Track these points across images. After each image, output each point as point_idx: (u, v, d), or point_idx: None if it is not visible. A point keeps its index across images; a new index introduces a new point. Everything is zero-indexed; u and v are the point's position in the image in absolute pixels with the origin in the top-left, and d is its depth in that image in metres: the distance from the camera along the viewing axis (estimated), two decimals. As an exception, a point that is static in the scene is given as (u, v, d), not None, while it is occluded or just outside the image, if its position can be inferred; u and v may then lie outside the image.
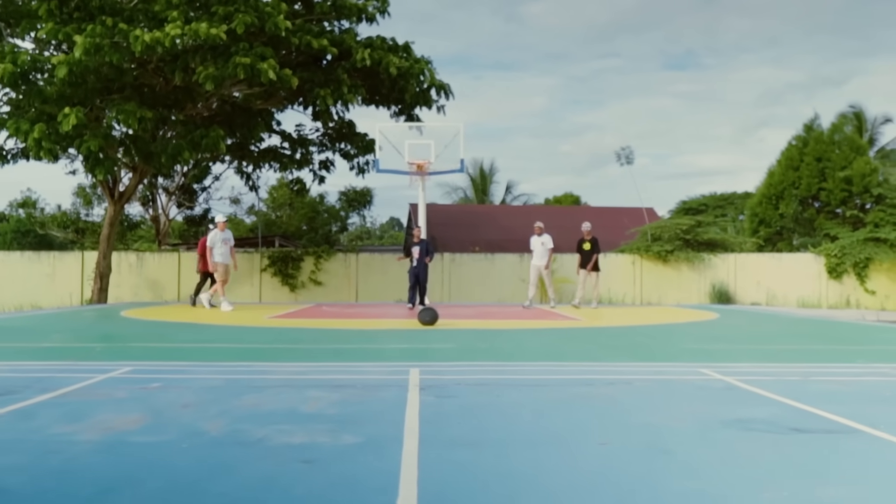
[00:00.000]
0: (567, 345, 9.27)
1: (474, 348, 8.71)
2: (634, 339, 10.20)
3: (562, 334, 10.85)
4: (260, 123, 19.35)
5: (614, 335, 10.74)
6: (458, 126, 17.62)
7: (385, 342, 9.57)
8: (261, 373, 6.65)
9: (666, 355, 8.22)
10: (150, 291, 22.99)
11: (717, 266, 23.42)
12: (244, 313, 15.26)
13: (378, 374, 6.61)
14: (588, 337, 10.40)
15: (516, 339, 10.12)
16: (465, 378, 6.25)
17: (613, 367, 7.03)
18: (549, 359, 7.76)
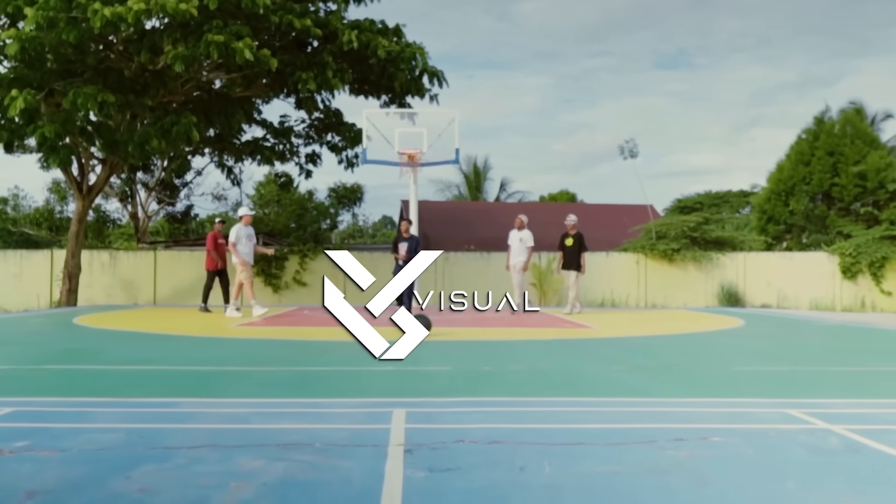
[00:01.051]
0: (588, 365, 7.30)
1: (476, 373, 6.72)
2: (667, 356, 8.25)
3: (577, 349, 8.89)
4: (239, 112, 17.34)
5: (640, 350, 8.79)
6: (452, 113, 15.63)
7: (366, 361, 7.56)
8: (184, 419, 4.66)
9: (725, 384, 6.24)
10: (125, 293, 20.93)
11: (726, 266, 21.50)
12: (212, 319, 13.26)
13: (349, 420, 4.65)
14: (610, 353, 8.44)
15: (524, 355, 8.15)
16: (470, 428, 4.29)
17: (668, 408, 5.06)
18: (574, 391, 5.77)
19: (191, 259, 21.10)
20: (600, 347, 8.96)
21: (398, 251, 13.55)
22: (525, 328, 11.61)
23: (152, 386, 5.90)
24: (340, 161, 21.70)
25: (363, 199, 29.89)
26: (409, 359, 7.71)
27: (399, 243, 13.63)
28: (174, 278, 20.94)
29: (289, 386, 5.97)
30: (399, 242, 13.67)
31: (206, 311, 15.03)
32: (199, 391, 5.66)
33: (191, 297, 20.80)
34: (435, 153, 15.33)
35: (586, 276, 21.61)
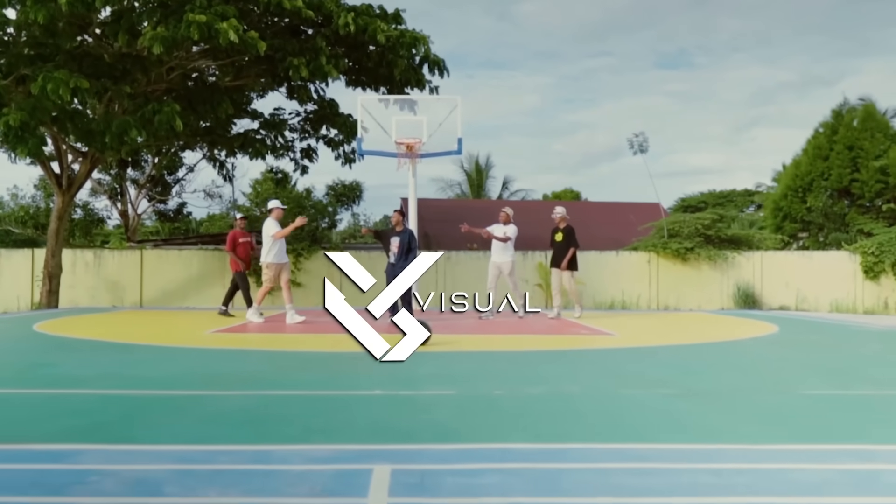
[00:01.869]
0: (626, 387, 5.71)
1: (487, 400, 5.14)
2: (716, 374, 6.68)
3: (603, 363, 7.32)
4: (225, 100, 15.77)
5: (678, 365, 7.21)
6: (454, 100, 14.05)
7: (348, 382, 6.00)
8: (59, 488, 3.10)
9: (814, 419, 4.64)
10: (110, 294, 19.38)
11: (742, 265, 19.92)
12: (188, 322, 11.70)
13: (305, 485, 3.08)
14: (645, 369, 6.87)
15: (542, 372, 6.58)
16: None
17: (765, 463, 3.50)
18: (621, 432, 4.19)
19: (179, 259, 19.57)
20: (630, 361, 7.40)
21: (389, 247, 11.80)
22: (536, 335, 10.05)
23: (56, 422, 4.33)
24: (338, 157, 20.15)
25: (362, 196, 28.32)
26: (405, 379, 6.17)
27: (391, 238, 11.82)
28: (162, 279, 19.39)
29: (239, 423, 4.39)
30: (390, 237, 11.85)
31: (228, 315, 13.34)
32: (113, 432, 4.08)
33: (179, 299, 19.27)
34: (435, 143, 13.78)
35: (595, 277, 20.13)
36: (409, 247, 11.62)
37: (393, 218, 12.31)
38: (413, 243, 11.71)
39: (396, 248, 11.65)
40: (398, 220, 12.03)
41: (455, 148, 13.76)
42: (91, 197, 23.32)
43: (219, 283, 19.44)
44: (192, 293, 19.34)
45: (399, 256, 11.55)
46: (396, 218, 12.10)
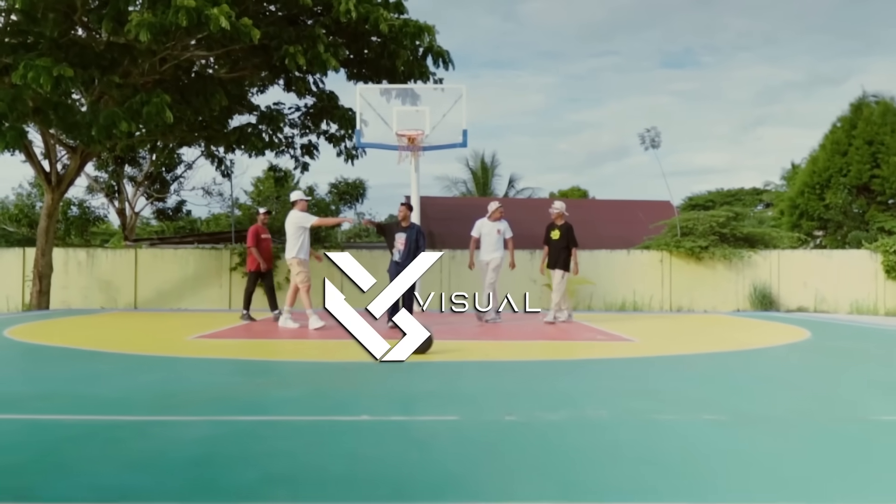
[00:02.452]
0: (666, 412, 4.67)
1: (497, 430, 4.10)
2: (764, 392, 5.60)
3: (629, 377, 6.27)
4: (219, 92, 14.77)
5: (716, 380, 6.15)
6: (459, 90, 13.01)
7: (330, 404, 4.97)
8: None
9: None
10: (103, 295, 18.42)
11: (758, 265, 18.84)
12: (174, 325, 10.69)
13: None
14: (680, 386, 5.81)
15: (561, 389, 5.53)
16: None
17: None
18: (676, 484, 3.17)
19: (174, 258, 18.59)
20: (660, 374, 6.36)
21: (394, 243, 10.63)
22: (548, 341, 9.02)
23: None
24: (339, 153, 19.15)
25: (365, 195, 27.28)
26: (400, 397, 5.16)
27: (396, 234, 10.62)
28: (157, 279, 18.42)
29: (181, 466, 3.34)
30: (396, 233, 10.64)
31: (251, 320, 12.30)
32: (7, 485, 3.06)
33: (174, 300, 18.28)
34: (439, 135, 12.75)
35: (605, 276, 19.07)
36: (417, 245, 10.44)
37: (399, 212, 10.95)
38: (421, 241, 10.54)
39: (402, 246, 10.41)
40: (405, 214, 10.75)
41: (459, 140, 12.73)
42: (88, 195, 22.40)
43: (215, 283, 18.48)
44: (187, 294, 18.36)
45: (406, 255, 10.31)
46: (403, 212, 10.79)
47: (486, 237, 12.19)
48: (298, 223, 10.57)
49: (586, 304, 18.73)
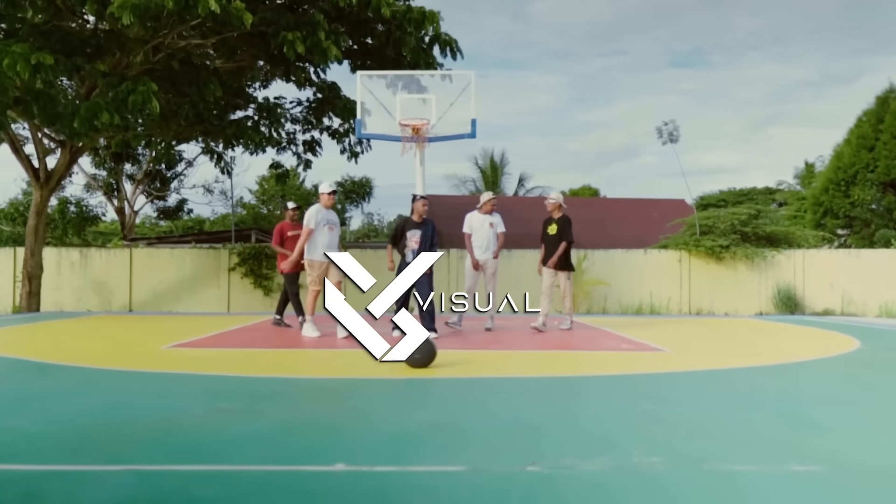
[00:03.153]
0: (731, 456, 3.50)
1: (516, 488, 2.95)
2: (851, 426, 4.36)
3: (672, 400, 5.05)
4: (213, 81, 13.64)
5: (777, 405, 4.93)
6: (467, 76, 11.82)
7: (299, 442, 3.80)
8: None
9: None
10: (97, 296, 17.34)
11: (782, 265, 17.59)
12: (156, 331, 9.53)
13: None
14: (737, 414, 4.61)
15: (593, 420, 4.33)
16: None
17: None
18: None
19: (171, 258, 17.49)
20: (710, 399, 5.15)
21: (406, 242, 9.17)
22: (568, 350, 7.83)
23: None
24: (343, 150, 18.05)
25: (372, 193, 26.14)
26: (390, 434, 3.97)
27: (408, 231, 9.20)
28: (152, 279, 17.34)
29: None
30: (408, 230, 9.24)
31: (284, 326, 10.86)
32: None
33: (170, 302, 17.18)
34: (446, 125, 11.57)
35: (621, 277, 17.80)
36: (432, 243, 9.22)
37: (416, 206, 9.45)
38: (436, 239, 9.35)
39: (416, 244, 9.06)
40: (422, 209, 9.38)
41: (468, 131, 11.55)
42: (86, 193, 21.33)
43: (213, 284, 17.37)
44: (184, 295, 17.27)
45: (420, 253, 9.18)
46: (422, 207, 9.38)
47: (478, 232, 10.34)
48: (305, 221, 9.38)
49: (601, 307, 17.52)
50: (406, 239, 9.19)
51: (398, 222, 9.44)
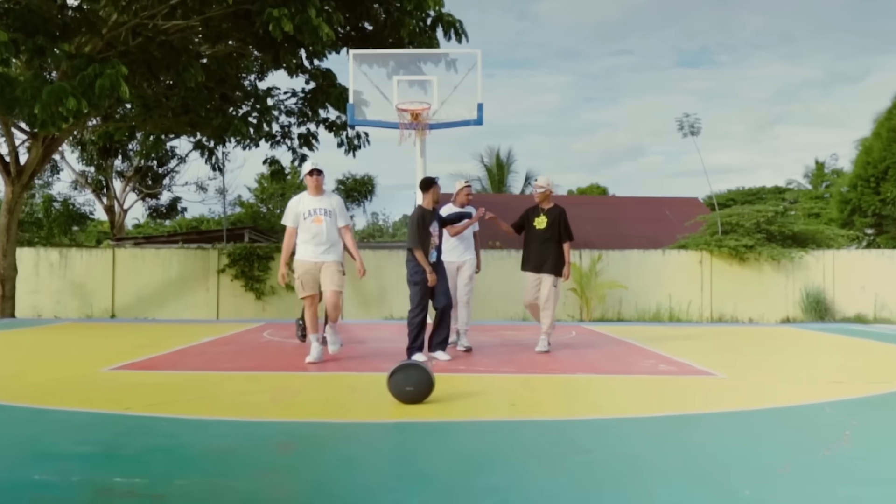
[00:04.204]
0: None
1: None
2: None
3: (764, 458, 3.45)
4: (194, 65, 12.08)
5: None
6: (473, 54, 10.21)
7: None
8: None
9: None
10: (77, 300, 15.80)
11: (809, 266, 15.94)
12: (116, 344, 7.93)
13: None
14: (873, 493, 3.02)
15: (668, 493, 2.77)
16: None
17: None
18: None
19: (156, 259, 15.94)
20: (822, 461, 3.55)
21: (429, 237, 6.92)
22: (597, 375, 6.23)
23: None
24: (340, 144, 16.49)
25: (374, 192, 24.55)
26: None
27: (434, 221, 7.03)
28: (136, 282, 15.79)
29: None
30: (446, 221, 7.27)
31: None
32: None
33: (155, 307, 15.64)
34: (449, 110, 9.95)
35: (637, 279, 16.13)
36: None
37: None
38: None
39: (438, 238, 7.06)
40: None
41: (474, 116, 9.93)
42: (74, 190, 19.81)
43: (201, 287, 15.81)
44: (170, 299, 15.71)
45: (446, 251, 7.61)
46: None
47: (452, 233, 7.85)
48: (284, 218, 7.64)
49: (615, 312, 15.91)
50: (432, 234, 6.98)
51: (416, 214, 6.97)
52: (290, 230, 7.01)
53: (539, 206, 8.00)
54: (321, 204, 6.95)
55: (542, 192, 7.99)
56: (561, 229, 7.83)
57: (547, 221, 7.87)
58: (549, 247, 7.82)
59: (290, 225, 7.01)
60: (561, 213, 7.92)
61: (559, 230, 7.83)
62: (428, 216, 6.98)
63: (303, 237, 6.91)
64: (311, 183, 6.96)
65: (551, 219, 7.86)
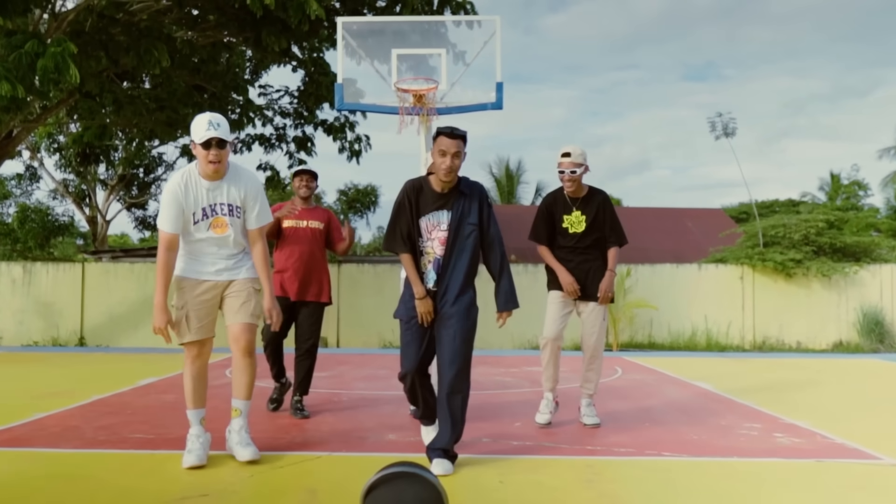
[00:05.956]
0: None
1: None
2: None
3: None
4: (159, 46, 9.84)
5: None
6: (491, 22, 7.94)
7: None
8: None
9: None
10: (42, 320, 13.52)
11: (865, 283, 13.56)
12: (15, 386, 5.62)
13: None
14: None
15: None
16: None
17: None
18: None
19: (130, 275, 13.68)
20: None
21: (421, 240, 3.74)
22: (696, 458, 3.89)
23: None
24: (342, 149, 14.27)
25: (378, 202, 22.27)
26: None
27: (423, 216, 3.74)
28: (108, 300, 13.51)
29: None
30: (424, 214, 3.74)
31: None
32: None
33: (127, 330, 13.36)
34: (461, 92, 7.62)
35: (668, 298, 13.62)
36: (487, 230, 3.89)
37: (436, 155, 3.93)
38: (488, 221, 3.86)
39: (442, 242, 3.71)
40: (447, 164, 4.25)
41: (492, 99, 7.60)
42: (53, 200, 17.64)
43: (180, 306, 13.51)
44: (145, 320, 13.40)
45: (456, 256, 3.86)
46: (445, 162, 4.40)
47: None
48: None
49: (646, 335, 13.55)
50: (420, 233, 3.75)
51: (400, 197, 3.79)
52: (170, 238, 3.72)
53: (567, 196, 4.83)
54: (216, 194, 3.74)
55: (575, 173, 4.71)
56: (609, 227, 4.79)
57: (585, 219, 4.78)
58: (594, 256, 4.78)
59: (167, 230, 3.72)
60: (604, 202, 4.86)
61: (607, 228, 4.78)
62: (423, 199, 3.82)
63: (187, 247, 3.85)
64: (211, 158, 3.61)
65: (592, 213, 4.78)
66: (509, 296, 3.78)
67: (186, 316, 3.71)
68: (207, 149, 3.58)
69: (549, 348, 4.71)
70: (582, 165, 4.75)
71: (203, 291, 3.76)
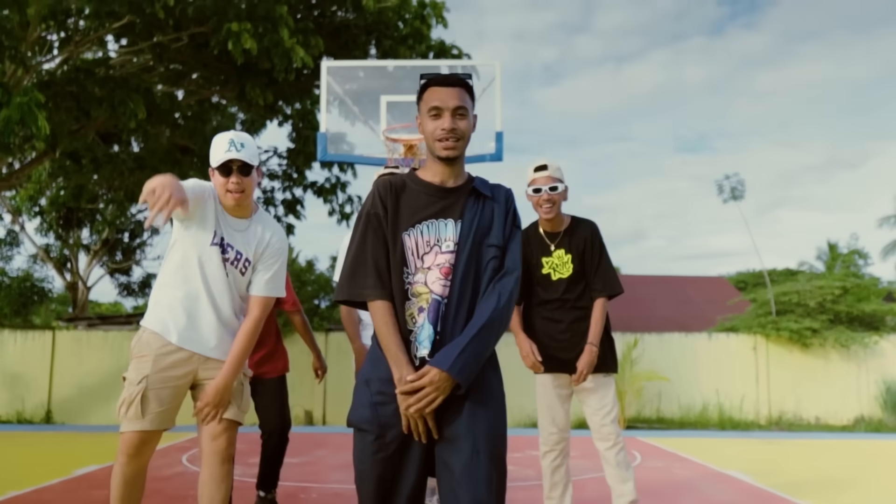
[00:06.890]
0: None
1: None
2: None
3: None
4: (135, 98, 9.06)
5: None
6: (490, 67, 7.18)
7: None
8: None
9: None
10: (7, 392, 12.32)
11: (886, 353, 12.53)
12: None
13: None
14: None
15: None
16: None
17: None
18: None
19: (103, 344, 12.59)
20: None
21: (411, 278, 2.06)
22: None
23: None
24: (331, 212, 13.45)
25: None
26: None
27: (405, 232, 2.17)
28: (79, 372, 12.37)
29: None
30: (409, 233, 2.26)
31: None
32: None
33: (97, 403, 12.14)
34: (457, 141, 6.78)
35: (678, 369, 12.58)
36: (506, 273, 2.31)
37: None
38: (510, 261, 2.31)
39: (444, 285, 2.11)
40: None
41: (491, 150, 6.76)
42: (34, 265, 16.68)
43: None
44: (116, 393, 12.22)
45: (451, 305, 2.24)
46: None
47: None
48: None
49: (654, 409, 12.41)
50: (405, 260, 2.04)
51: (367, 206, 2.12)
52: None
53: (542, 233, 3.52)
54: (241, 230, 2.79)
55: (555, 191, 3.44)
56: (595, 268, 3.41)
57: (572, 259, 3.41)
58: (586, 313, 3.38)
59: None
60: (593, 235, 3.49)
61: (593, 269, 3.40)
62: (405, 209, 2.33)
63: (173, 284, 2.76)
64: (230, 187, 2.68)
65: (580, 251, 3.43)
66: (458, 357, 1.90)
67: (143, 394, 2.64)
68: (227, 175, 2.62)
69: (552, 458, 3.41)
70: (562, 182, 3.47)
71: (174, 364, 2.68)
